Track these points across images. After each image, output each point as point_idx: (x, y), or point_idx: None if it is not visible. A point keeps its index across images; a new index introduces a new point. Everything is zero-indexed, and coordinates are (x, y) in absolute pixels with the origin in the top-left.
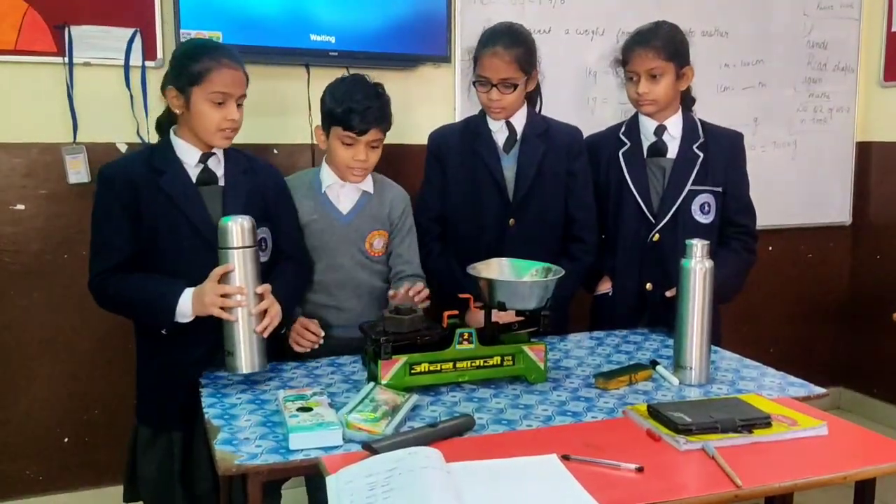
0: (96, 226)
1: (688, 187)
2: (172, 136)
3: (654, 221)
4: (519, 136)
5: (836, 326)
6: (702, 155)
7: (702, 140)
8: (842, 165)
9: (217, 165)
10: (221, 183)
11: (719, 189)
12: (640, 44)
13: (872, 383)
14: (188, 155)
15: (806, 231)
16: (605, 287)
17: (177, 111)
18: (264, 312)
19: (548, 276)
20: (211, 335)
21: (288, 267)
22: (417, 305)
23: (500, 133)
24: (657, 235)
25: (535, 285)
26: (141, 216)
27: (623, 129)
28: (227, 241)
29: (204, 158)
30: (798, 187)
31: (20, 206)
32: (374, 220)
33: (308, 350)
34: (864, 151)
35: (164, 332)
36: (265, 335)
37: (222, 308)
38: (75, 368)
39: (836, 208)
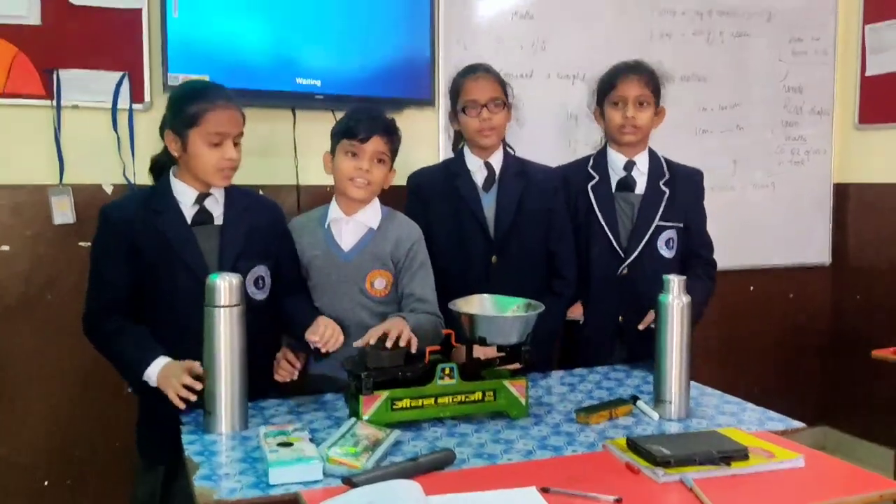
0: (94, 263)
1: (655, 223)
2: (171, 178)
3: (623, 256)
4: (497, 175)
5: (819, 366)
6: (668, 191)
7: (667, 177)
8: (820, 206)
9: (215, 205)
10: (219, 222)
11: (682, 225)
12: (631, 71)
13: (856, 423)
14: (185, 195)
15: (787, 271)
16: (576, 312)
17: (175, 154)
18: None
19: (528, 311)
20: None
21: (302, 300)
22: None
23: (478, 173)
24: (626, 269)
25: (516, 320)
26: (138, 256)
27: (591, 162)
28: (213, 299)
29: (200, 199)
30: (778, 228)
31: (5, 247)
32: (375, 259)
33: (286, 380)
34: (842, 193)
35: (129, 390)
36: (331, 349)
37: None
38: (57, 410)
39: (815, 249)
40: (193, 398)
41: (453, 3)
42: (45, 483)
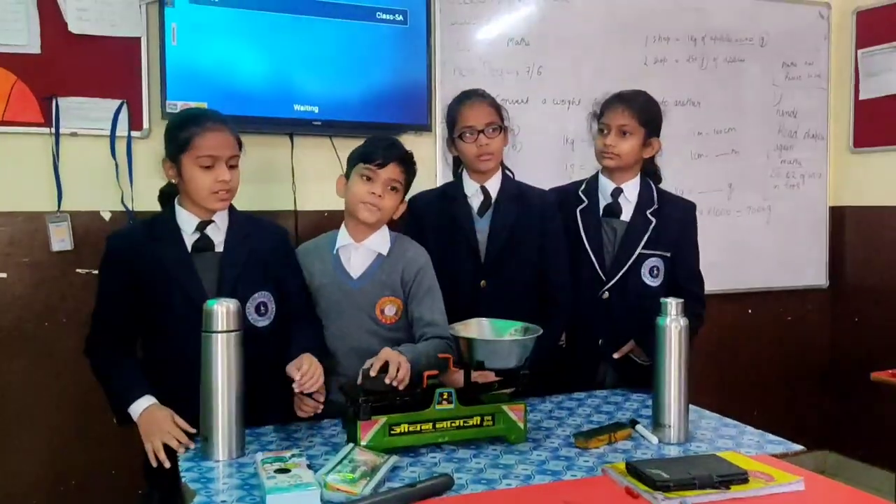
0: (98, 288)
1: (638, 251)
2: (176, 205)
3: (604, 279)
4: (493, 201)
5: (819, 389)
6: (654, 221)
7: (655, 207)
8: (816, 230)
9: (216, 232)
10: (220, 249)
11: (668, 254)
12: (619, 101)
13: (857, 446)
14: (187, 223)
15: (784, 294)
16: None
17: (173, 181)
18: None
19: (526, 335)
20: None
21: (305, 328)
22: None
23: (475, 198)
24: (607, 294)
25: (514, 344)
26: (139, 284)
27: (583, 186)
28: (210, 325)
29: (201, 226)
30: (774, 251)
31: (2, 275)
32: (385, 287)
33: (309, 415)
34: (838, 216)
35: (115, 420)
36: (313, 389)
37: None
38: (53, 438)
39: (812, 272)
40: (184, 448)
41: (449, 29)
42: None
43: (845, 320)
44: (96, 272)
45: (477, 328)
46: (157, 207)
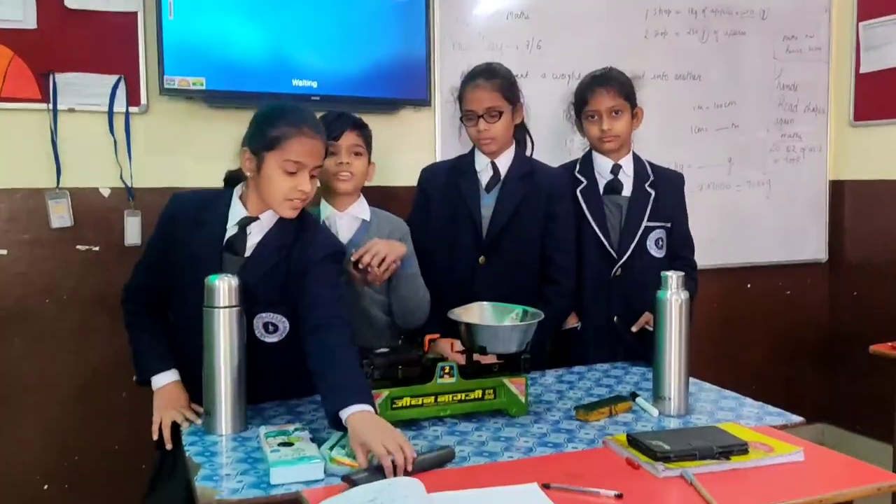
0: (147, 244)
1: (644, 223)
2: (234, 194)
3: (615, 257)
4: (502, 177)
5: (817, 362)
6: (653, 192)
7: (652, 178)
8: (816, 204)
9: (256, 233)
10: (248, 254)
11: (668, 225)
12: (601, 84)
13: (855, 419)
14: (234, 215)
15: (783, 268)
16: (573, 322)
17: (248, 173)
18: None
19: (527, 320)
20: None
21: (334, 341)
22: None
23: (484, 173)
24: (619, 270)
25: (515, 329)
26: (172, 253)
27: (578, 167)
28: (212, 300)
29: (244, 223)
30: (774, 225)
31: (2, 252)
32: None
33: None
34: (838, 190)
35: (134, 378)
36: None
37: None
38: (56, 414)
39: (812, 246)
40: (188, 423)
41: (448, 3)
42: (45, 487)
43: (844, 294)
44: (97, 249)
45: (478, 312)
46: (155, 184)
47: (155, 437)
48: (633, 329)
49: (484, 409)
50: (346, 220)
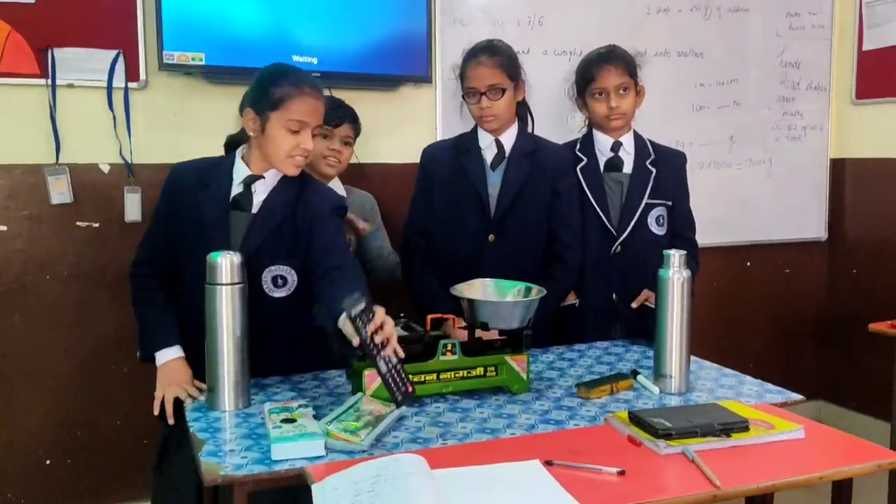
0: (152, 215)
1: (644, 200)
2: (237, 156)
3: (615, 234)
4: (507, 154)
5: (815, 340)
6: (654, 170)
7: (653, 156)
8: (816, 182)
9: (261, 190)
10: (255, 210)
11: (669, 203)
12: (608, 61)
13: (852, 397)
14: (238, 174)
15: (783, 247)
16: (571, 299)
17: (251, 133)
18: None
19: (529, 296)
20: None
21: (348, 276)
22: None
23: (488, 150)
24: (619, 248)
25: (517, 305)
26: (176, 221)
27: (578, 146)
28: (214, 277)
29: (249, 181)
30: (774, 204)
31: (2, 228)
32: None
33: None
34: (839, 168)
35: (138, 354)
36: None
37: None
38: (57, 390)
39: (811, 224)
40: (191, 400)
41: None
42: (48, 462)
43: (843, 273)
44: (96, 225)
45: (480, 289)
46: (155, 160)
47: (156, 412)
48: (633, 306)
49: (486, 387)
50: None
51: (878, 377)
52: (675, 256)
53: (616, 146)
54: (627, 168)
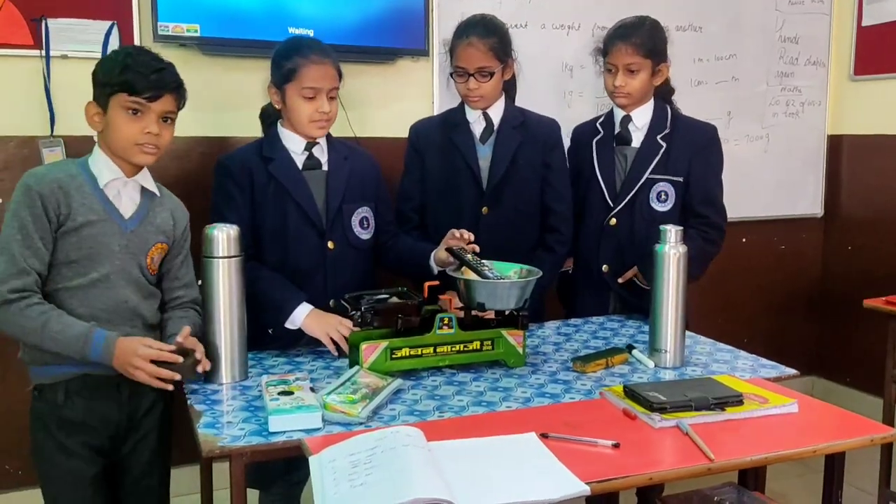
0: (216, 209)
1: (646, 175)
2: (279, 128)
3: (612, 206)
4: (496, 127)
5: (809, 316)
6: (665, 145)
7: (667, 131)
8: (814, 158)
9: (321, 153)
10: (326, 168)
11: (680, 179)
12: (622, 38)
13: (845, 372)
14: (294, 143)
15: (779, 223)
16: (567, 264)
17: (277, 107)
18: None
19: (526, 277)
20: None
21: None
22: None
23: (477, 124)
24: (614, 220)
25: (513, 286)
26: (254, 200)
27: (602, 118)
28: (211, 250)
29: (309, 146)
30: (771, 180)
31: None
32: (159, 232)
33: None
34: (836, 144)
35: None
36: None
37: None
38: None
39: (808, 200)
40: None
41: None
42: None
43: (839, 249)
44: None
45: None
46: None
47: (335, 353)
48: (619, 281)
49: (482, 360)
50: (129, 189)
51: (872, 353)
52: (671, 232)
53: (625, 120)
54: (637, 142)
